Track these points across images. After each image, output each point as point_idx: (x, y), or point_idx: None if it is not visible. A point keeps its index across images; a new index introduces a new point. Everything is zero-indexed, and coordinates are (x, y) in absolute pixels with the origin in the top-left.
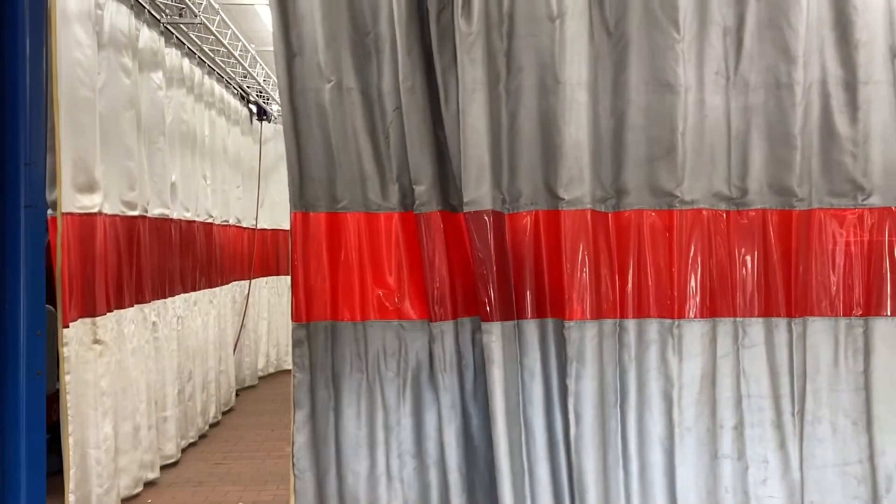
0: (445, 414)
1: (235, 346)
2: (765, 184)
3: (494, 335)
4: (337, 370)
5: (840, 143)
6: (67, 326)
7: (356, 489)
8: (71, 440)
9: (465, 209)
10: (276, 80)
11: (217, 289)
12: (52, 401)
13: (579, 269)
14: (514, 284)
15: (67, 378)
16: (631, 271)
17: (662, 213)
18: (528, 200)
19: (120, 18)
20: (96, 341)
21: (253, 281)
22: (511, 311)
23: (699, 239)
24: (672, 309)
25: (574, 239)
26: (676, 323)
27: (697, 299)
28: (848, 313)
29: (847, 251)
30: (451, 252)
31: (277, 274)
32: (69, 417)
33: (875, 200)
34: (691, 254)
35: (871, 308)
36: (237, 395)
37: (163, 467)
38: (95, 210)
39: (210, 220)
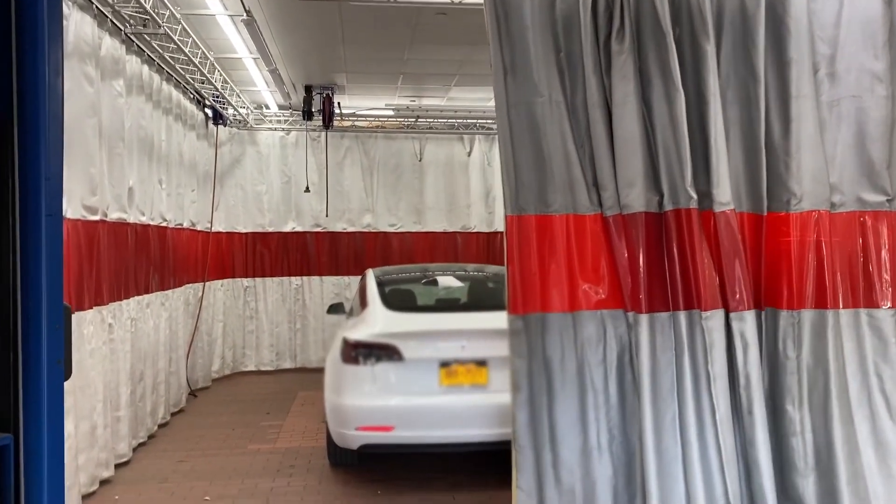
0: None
1: (189, 348)
2: None
3: (673, 326)
4: (549, 356)
5: None
6: None
7: (570, 461)
8: None
9: (665, 209)
10: (232, 86)
11: (169, 291)
12: None
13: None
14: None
15: None
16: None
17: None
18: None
19: (84, 27)
20: None
21: (208, 283)
22: (678, 303)
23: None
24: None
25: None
26: None
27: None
28: None
29: None
30: (651, 250)
31: (233, 276)
32: None
33: None
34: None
35: None
36: (194, 395)
37: (116, 466)
38: None
39: (164, 224)
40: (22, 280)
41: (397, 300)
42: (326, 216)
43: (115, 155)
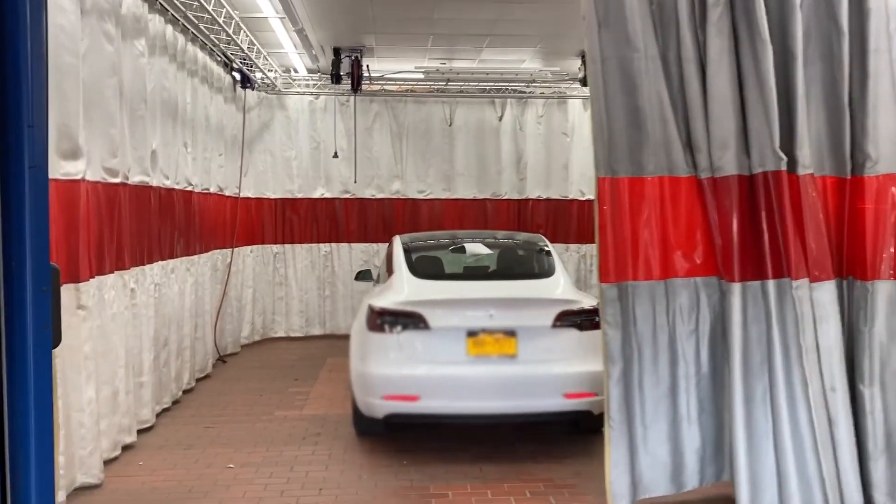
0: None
1: (218, 314)
2: None
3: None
4: (641, 326)
5: None
6: None
7: (661, 433)
8: (59, 403)
9: (753, 171)
10: (259, 48)
11: (195, 256)
12: None
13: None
14: (794, 246)
15: None
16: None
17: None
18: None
19: None
20: (80, 307)
21: (237, 249)
22: (781, 271)
23: None
24: None
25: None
26: None
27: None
28: None
29: None
30: (742, 215)
31: (263, 242)
32: (56, 381)
33: None
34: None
35: None
36: (223, 361)
37: (140, 431)
38: (79, 177)
39: (189, 188)
40: (3, 239)
41: (424, 267)
42: (355, 182)
43: (137, 117)
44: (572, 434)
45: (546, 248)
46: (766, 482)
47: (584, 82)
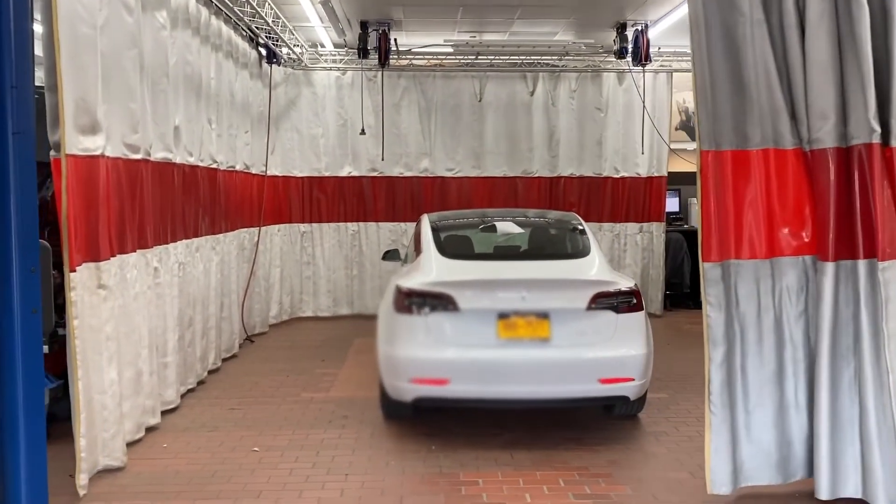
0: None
1: (245, 293)
2: None
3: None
4: (744, 307)
5: None
6: (74, 271)
7: (765, 420)
8: (80, 385)
9: (849, 143)
10: (285, 21)
11: (221, 235)
12: (63, 349)
13: None
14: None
15: (75, 323)
16: None
17: None
18: None
19: None
20: (101, 286)
21: (264, 228)
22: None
23: None
24: None
25: None
26: None
27: None
28: None
29: None
30: (839, 190)
31: (290, 221)
32: (77, 362)
33: None
34: None
35: None
36: (251, 340)
37: (165, 413)
38: (98, 152)
39: (214, 166)
40: None
41: (453, 247)
42: (383, 160)
43: (159, 91)
44: (605, 420)
45: (580, 227)
46: (848, 472)
47: (619, 55)
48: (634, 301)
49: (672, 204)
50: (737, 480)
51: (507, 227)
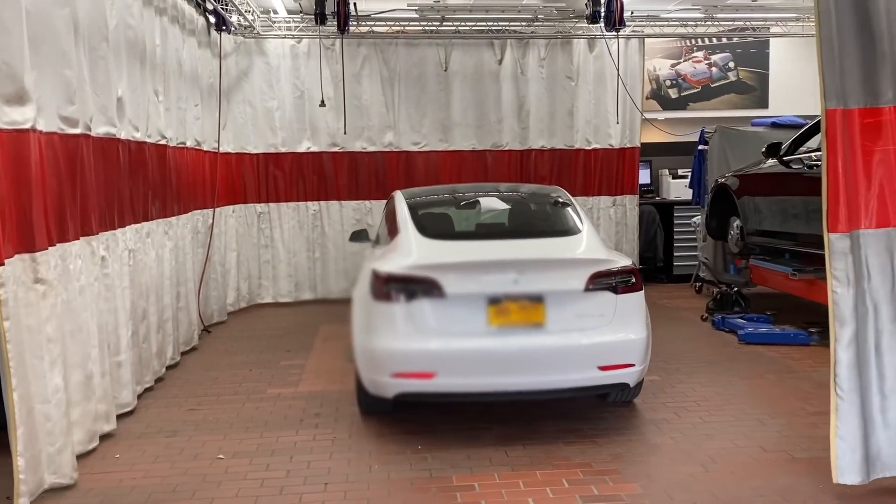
0: None
1: (201, 280)
2: None
3: None
4: (876, 282)
5: None
6: (2, 264)
7: None
8: (15, 395)
9: None
10: None
11: (173, 218)
12: None
13: None
14: None
15: (6, 325)
16: None
17: None
18: None
19: None
20: (38, 280)
21: (218, 209)
22: None
23: None
24: None
25: None
26: None
27: None
28: None
29: None
30: None
31: (245, 202)
32: (11, 370)
33: None
34: None
35: None
36: (208, 331)
37: (120, 416)
38: (28, 126)
39: (164, 142)
40: None
41: (433, 226)
42: (344, 134)
43: (98, 58)
44: (600, 408)
45: (569, 202)
46: None
47: (591, 19)
48: (633, 280)
49: (643, 176)
50: (870, 471)
51: (491, 202)
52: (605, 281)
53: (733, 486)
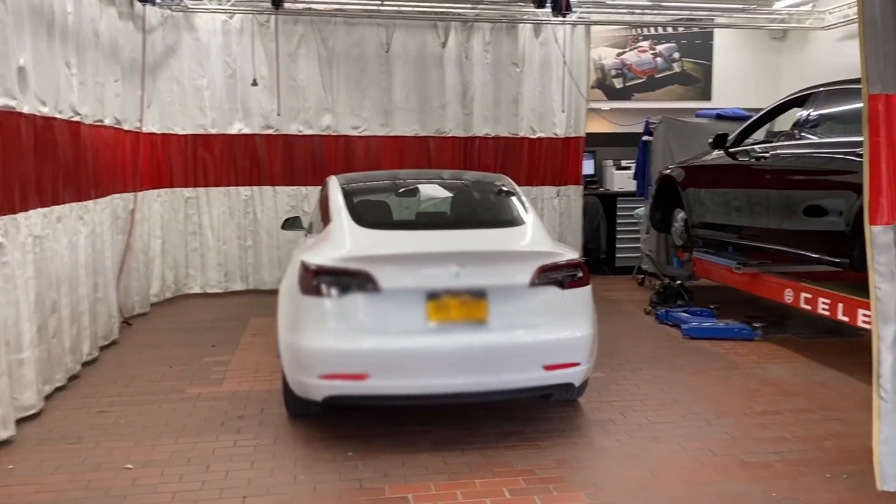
0: None
1: (121, 269)
2: None
3: None
4: None
5: None
6: None
7: None
8: None
9: None
10: None
11: (90, 202)
12: None
13: None
14: None
15: None
16: None
17: None
18: None
19: None
20: None
21: (141, 194)
22: None
23: None
24: None
25: None
26: None
27: None
28: None
29: None
30: None
31: (172, 186)
32: None
33: None
34: None
35: None
36: (128, 324)
37: (23, 420)
38: None
39: (77, 119)
40: None
41: (369, 214)
42: (279, 115)
43: None
44: (543, 408)
45: (513, 191)
46: None
47: (538, 3)
48: (581, 274)
49: (587, 166)
50: None
51: (432, 190)
52: (551, 275)
53: (682, 495)
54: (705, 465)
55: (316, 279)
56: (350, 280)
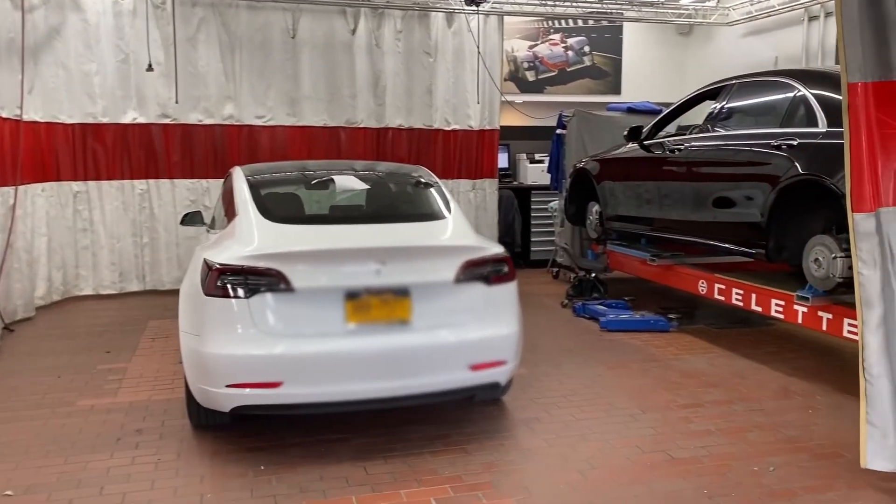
0: None
1: (0, 270)
2: None
3: None
4: None
5: None
6: None
7: None
8: None
9: None
10: None
11: None
12: None
13: None
14: None
15: None
16: None
17: None
18: None
19: None
20: None
21: (22, 188)
22: None
23: None
24: None
25: None
26: None
27: None
28: None
29: None
30: None
31: (58, 179)
32: None
33: None
34: None
35: None
36: (10, 329)
37: None
38: None
39: None
40: None
41: (279, 207)
42: (177, 103)
43: None
44: (470, 409)
45: (434, 183)
46: None
47: None
48: (506, 269)
49: (501, 160)
50: None
51: (347, 181)
52: (476, 270)
53: (614, 495)
54: (635, 462)
55: (221, 279)
56: (259, 280)
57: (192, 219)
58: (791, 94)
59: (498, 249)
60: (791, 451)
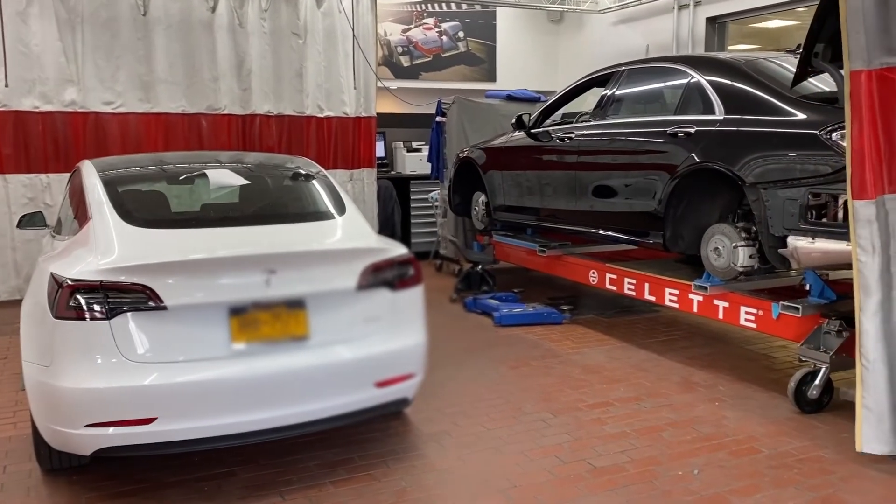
0: None
1: None
2: None
3: None
4: None
5: None
6: None
7: None
8: None
9: None
10: None
11: None
12: None
13: None
14: None
15: None
16: None
17: None
18: None
19: None
20: None
21: None
22: None
23: None
24: None
25: None
26: None
27: None
28: None
29: None
30: None
31: (2, 172)
32: None
33: None
34: None
35: None
36: None
37: None
38: None
39: None
40: None
41: (141, 208)
42: (6, 87)
43: None
44: (371, 426)
45: (318, 174)
46: None
47: None
48: (412, 272)
49: (378, 149)
50: None
51: (223, 176)
52: (381, 275)
53: None
54: (558, 476)
55: (74, 298)
56: (122, 297)
57: (31, 220)
58: (685, 81)
59: (402, 250)
60: (709, 449)
